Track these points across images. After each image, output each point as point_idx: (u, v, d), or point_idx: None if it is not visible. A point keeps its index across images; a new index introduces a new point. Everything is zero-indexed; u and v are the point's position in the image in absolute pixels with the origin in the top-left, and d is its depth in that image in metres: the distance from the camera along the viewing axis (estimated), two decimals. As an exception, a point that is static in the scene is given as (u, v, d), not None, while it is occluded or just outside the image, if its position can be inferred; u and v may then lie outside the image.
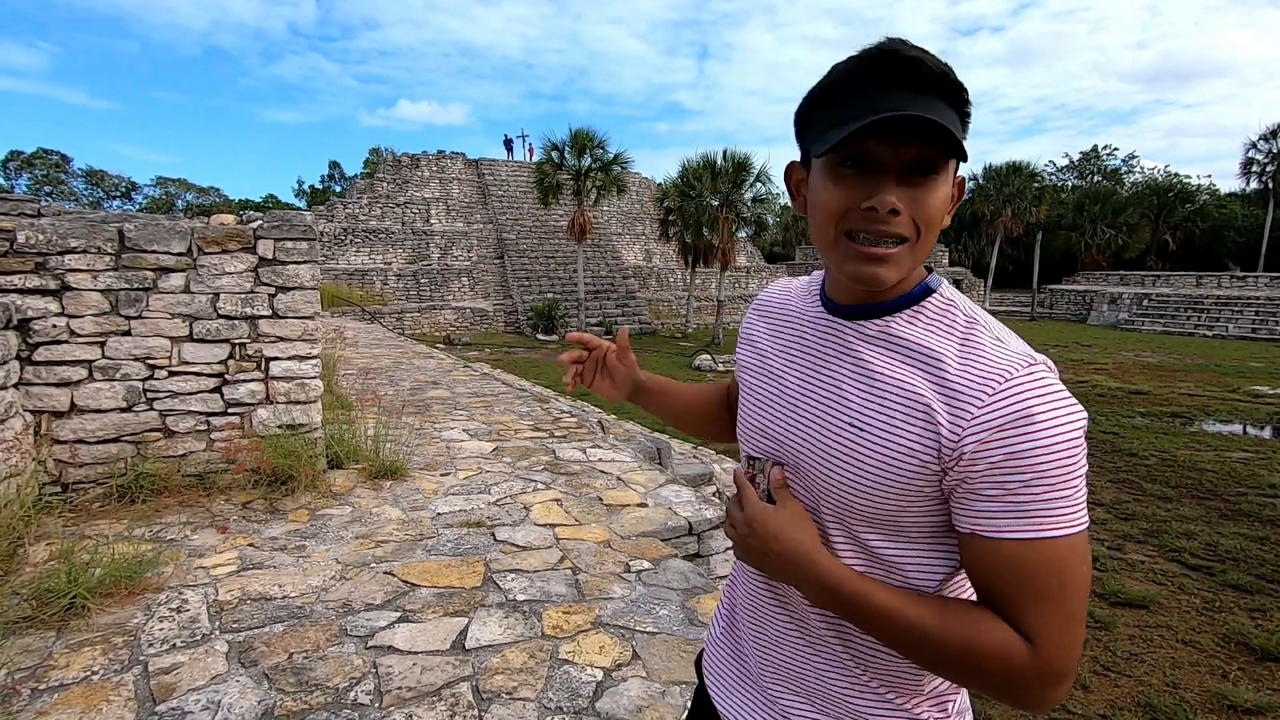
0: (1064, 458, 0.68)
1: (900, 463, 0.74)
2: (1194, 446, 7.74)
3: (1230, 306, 24.41)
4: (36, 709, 2.16)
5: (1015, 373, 0.70)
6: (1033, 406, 0.68)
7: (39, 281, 3.73)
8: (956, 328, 0.77)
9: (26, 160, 49.93)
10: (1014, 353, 0.73)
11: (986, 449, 0.69)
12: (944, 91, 0.72)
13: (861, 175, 0.73)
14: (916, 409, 0.74)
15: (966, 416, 0.70)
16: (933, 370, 0.75)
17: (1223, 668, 3.27)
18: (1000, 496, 0.69)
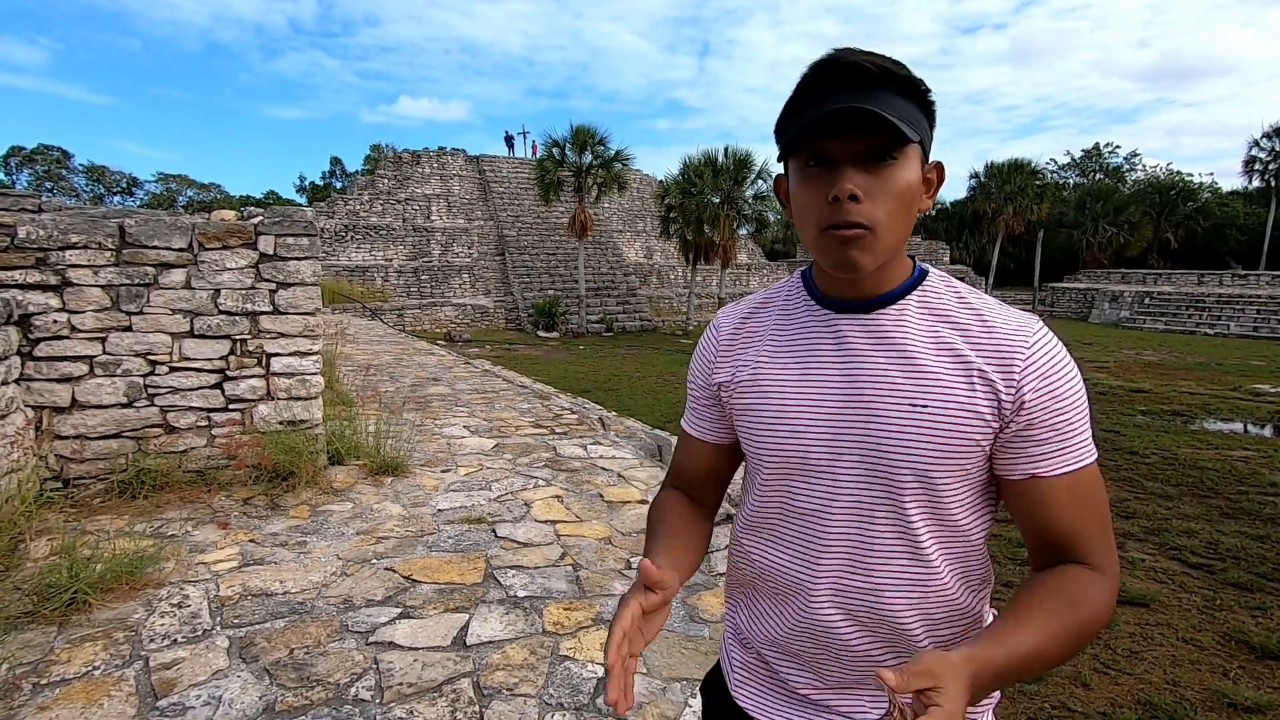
0: (1083, 394, 0.81)
1: (968, 427, 0.80)
2: (1195, 445, 7.73)
3: (1232, 305, 24.38)
4: (38, 704, 2.17)
5: (1035, 325, 0.82)
6: (1059, 352, 0.81)
7: (40, 277, 3.73)
8: (966, 299, 0.86)
9: (28, 156, 49.90)
10: (1019, 311, 0.84)
11: (1040, 394, 0.79)
12: (894, 86, 0.78)
13: (824, 170, 0.79)
14: (970, 374, 0.81)
15: (1017, 368, 0.79)
16: (966, 337, 0.82)
17: (1223, 666, 3.27)
18: (1051, 438, 0.79)
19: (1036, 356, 0.79)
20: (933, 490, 0.82)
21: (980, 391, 0.80)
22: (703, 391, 1.01)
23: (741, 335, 0.97)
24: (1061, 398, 0.79)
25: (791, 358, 0.90)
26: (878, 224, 0.78)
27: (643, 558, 0.86)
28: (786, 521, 0.91)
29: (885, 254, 0.80)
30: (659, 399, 11.09)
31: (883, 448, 0.82)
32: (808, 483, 0.87)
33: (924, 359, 0.82)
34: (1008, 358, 0.80)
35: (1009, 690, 3.03)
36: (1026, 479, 0.81)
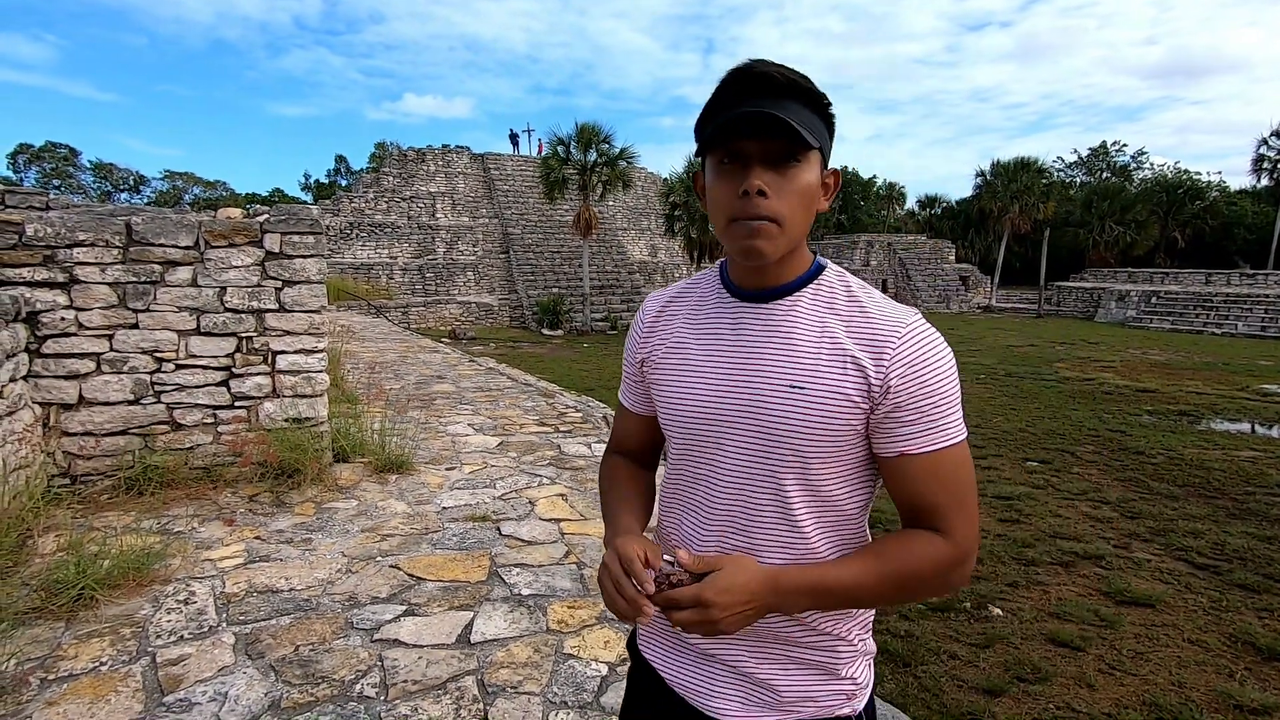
0: (953, 381, 0.90)
1: (839, 407, 0.89)
2: (1202, 445, 7.69)
3: (1240, 304, 24.22)
4: (46, 699, 2.18)
5: (910, 319, 0.90)
6: (930, 342, 0.89)
7: (47, 274, 3.75)
8: (854, 293, 0.95)
9: (35, 153, 50.13)
10: (903, 307, 0.93)
11: (906, 380, 0.87)
12: (800, 97, 0.88)
13: (736, 167, 0.88)
14: (845, 361, 0.90)
15: (887, 356, 0.88)
16: (846, 327, 0.92)
17: (1229, 667, 3.25)
18: (917, 419, 0.88)
19: (906, 346, 0.88)
20: (806, 464, 0.91)
21: (851, 376, 0.89)
22: (632, 368, 1.12)
23: (663, 318, 1.08)
24: (928, 383, 0.87)
25: (696, 340, 1.01)
26: (781, 218, 0.88)
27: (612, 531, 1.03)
28: (685, 486, 1.02)
29: (787, 246, 0.91)
30: (663, 397, 11.07)
31: (763, 424, 0.92)
32: (701, 452, 0.98)
33: (805, 346, 0.92)
34: (880, 346, 0.89)
35: (1014, 691, 3.02)
36: (897, 456, 0.90)
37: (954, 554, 0.89)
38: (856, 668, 1.00)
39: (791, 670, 0.97)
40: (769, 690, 0.97)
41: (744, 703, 0.98)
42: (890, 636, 3.48)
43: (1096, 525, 5.18)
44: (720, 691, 0.99)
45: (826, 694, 0.97)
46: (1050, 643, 3.44)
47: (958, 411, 0.90)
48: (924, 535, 0.90)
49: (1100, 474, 6.59)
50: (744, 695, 0.98)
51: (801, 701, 0.97)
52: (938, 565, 0.89)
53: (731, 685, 0.99)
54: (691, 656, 1.03)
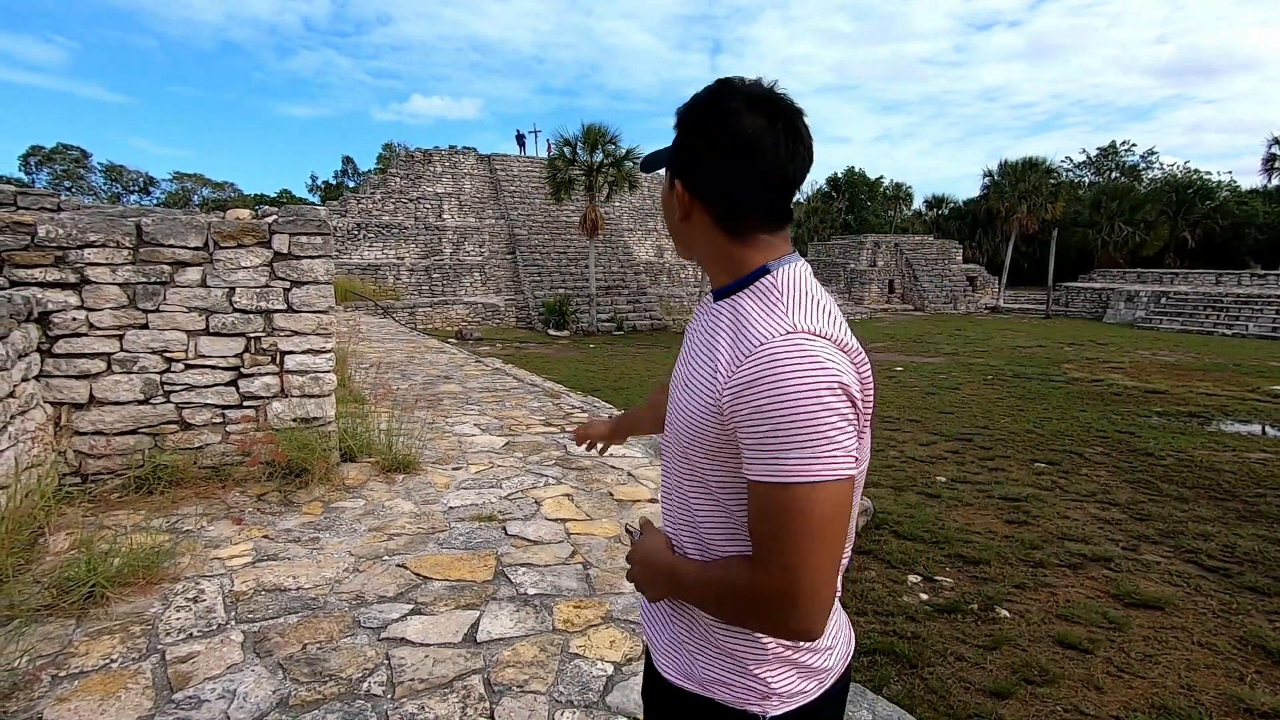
0: (801, 414, 0.80)
1: (703, 413, 0.91)
2: (1212, 446, 7.64)
3: (1250, 305, 24.03)
4: (57, 695, 2.20)
5: (772, 338, 0.85)
6: (777, 368, 0.82)
7: (59, 275, 3.79)
8: (762, 302, 0.92)
9: (47, 155, 50.55)
10: (785, 323, 0.87)
11: (738, 403, 0.85)
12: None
13: None
14: (709, 369, 0.92)
15: (729, 375, 0.87)
16: (728, 337, 0.92)
17: (1239, 670, 3.23)
18: (752, 445, 0.84)
19: (748, 369, 0.85)
20: (690, 457, 0.96)
21: (710, 383, 0.91)
22: None
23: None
24: (761, 410, 0.82)
25: (686, 335, 1.10)
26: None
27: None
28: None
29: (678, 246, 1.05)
30: (669, 398, 11.08)
31: (671, 414, 1.01)
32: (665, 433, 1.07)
33: (700, 350, 0.97)
34: (731, 363, 0.88)
35: (1022, 693, 3.01)
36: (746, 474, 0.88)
37: (752, 588, 0.85)
38: (770, 670, 0.96)
39: (708, 651, 0.99)
40: (689, 660, 1.01)
41: (677, 669, 1.02)
42: (897, 638, 3.47)
43: (1105, 527, 5.15)
44: (661, 645, 1.06)
45: (735, 684, 0.97)
46: (1058, 645, 3.43)
47: (804, 449, 0.80)
48: (743, 559, 0.90)
49: (1109, 475, 6.55)
50: (676, 658, 1.03)
51: (714, 683, 0.98)
52: (735, 590, 0.88)
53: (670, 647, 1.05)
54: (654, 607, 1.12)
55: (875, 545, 4.74)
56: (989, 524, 5.12)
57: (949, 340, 19.56)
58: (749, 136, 0.90)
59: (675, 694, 1.02)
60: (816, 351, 0.83)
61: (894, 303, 33.57)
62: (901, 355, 16.75)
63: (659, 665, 1.06)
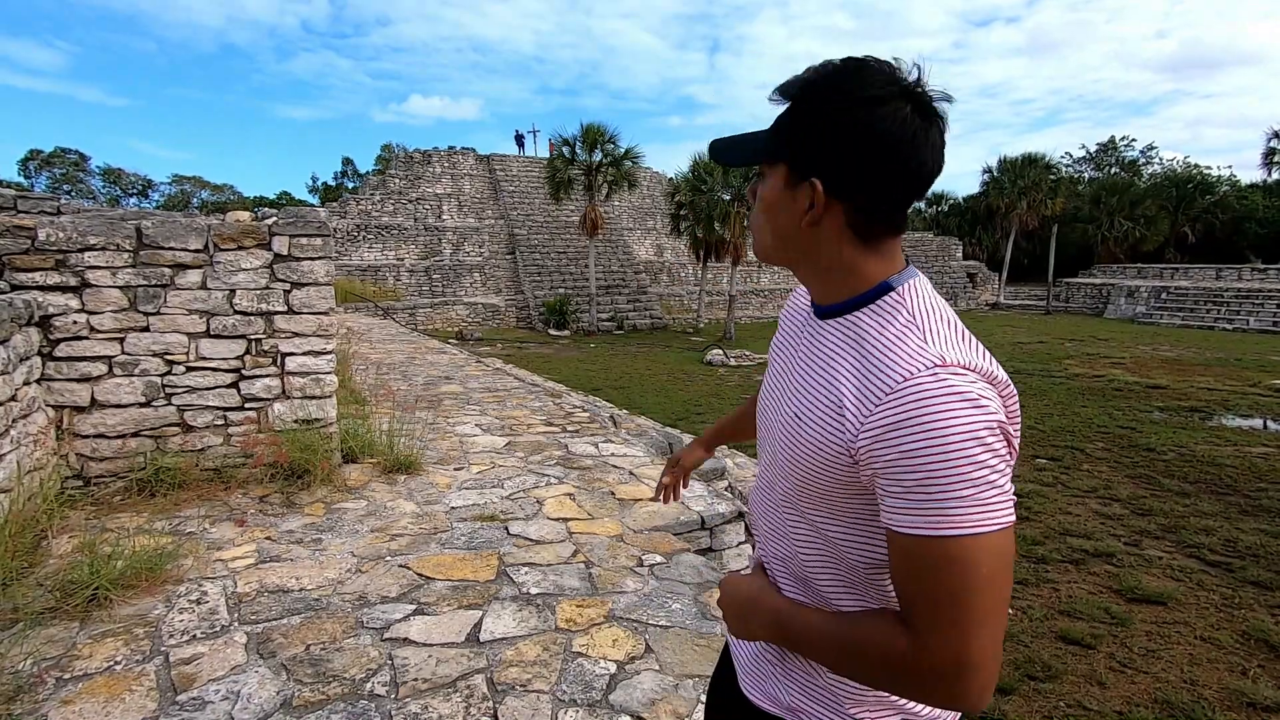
0: (958, 459, 0.70)
1: (823, 452, 0.81)
2: (1213, 441, 7.64)
3: (1251, 299, 24.01)
4: (61, 698, 2.21)
5: (917, 373, 0.74)
6: (926, 408, 0.71)
7: (59, 278, 3.79)
8: (890, 326, 0.81)
9: (46, 159, 50.54)
10: (928, 355, 0.76)
11: (878, 448, 0.74)
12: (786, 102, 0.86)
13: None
14: (832, 406, 0.81)
15: (865, 415, 0.76)
16: (854, 366, 0.81)
17: (1242, 665, 3.23)
18: (899, 493, 0.73)
19: (891, 409, 0.73)
20: (799, 499, 0.87)
21: (834, 423, 0.79)
22: None
23: (786, 317, 1.06)
24: (911, 456, 0.71)
25: (777, 349, 1.01)
26: (751, 223, 0.93)
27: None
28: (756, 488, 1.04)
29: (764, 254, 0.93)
30: (670, 397, 11.09)
31: (776, 449, 0.90)
32: (762, 459, 1.00)
33: (817, 376, 0.85)
34: (868, 402, 0.76)
35: (1025, 689, 3.01)
36: (885, 526, 0.77)
37: (910, 660, 0.73)
38: (869, 712, 0.88)
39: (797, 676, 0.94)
40: (775, 684, 0.97)
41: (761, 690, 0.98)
42: (899, 635, 3.47)
43: (1107, 523, 5.15)
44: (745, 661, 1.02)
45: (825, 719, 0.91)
46: (1061, 640, 3.43)
47: (968, 499, 0.70)
48: (892, 622, 0.77)
49: (1110, 471, 6.55)
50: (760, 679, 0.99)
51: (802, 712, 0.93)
52: (887, 659, 0.75)
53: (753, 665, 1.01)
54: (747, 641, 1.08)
55: (877, 542, 4.73)
56: (991, 520, 5.12)
57: (949, 337, 19.52)
58: (906, 127, 0.78)
59: (755, 714, 0.98)
60: (970, 389, 0.72)
61: (894, 300, 33.51)
62: (902, 352, 16.71)
63: (743, 683, 1.01)
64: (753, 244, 0.93)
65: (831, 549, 0.86)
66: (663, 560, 3.34)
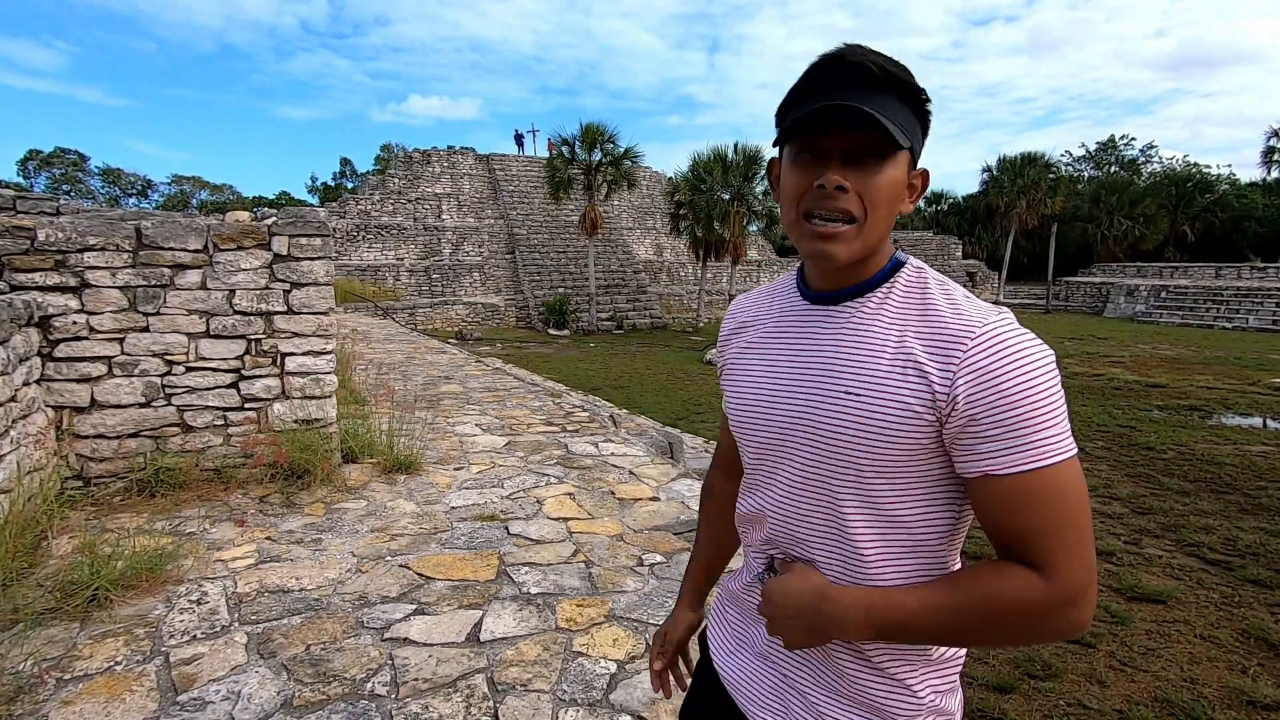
0: (1048, 388, 0.76)
1: (898, 417, 0.80)
2: (1213, 440, 7.64)
3: (1250, 298, 24.02)
4: (62, 698, 2.21)
5: (990, 318, 0.79)
6: (1012, 348, 0.76)
7: (59, 279, 3.79)
8: (929, 291, 0.85)
9: (45, 159, 50.53)
10: (983, 304, 0.82)
11: (976, 391, 0.76)
12: (897, 90, 0.81)
13: (815, 161, 0.82)
14: (906, 365, 0.81)
15: (955, 361, 0.78)
16: (915, 329, 0.82)
17: (1242, 663, 3.23)
18: (1000, 435, 0.76)
19: (979, 351, 0.77)
20: (863, 479, 0.83)
21: (912, 383, 0.80)
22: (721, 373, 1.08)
23: (740, 322, 1.03)
24: (1009, 394, 0.75)
25: (764, 345, 0.96)
26: (858, 217, 0.81)
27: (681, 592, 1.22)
28: (753, 497, 0.97)
29: (863, 250, 0.84)
30: (669, 396, 11.09)
31: (818, 434, 0.86)
32: (762, 463, 0.94)
33: (864, 349, 0.84)
34: (948, 352, 0.78)
35: (1024, 688, 3.01)
36: (979, 476, 0.79)
37: (1050, 595, 0.75)
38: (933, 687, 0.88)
39: (843, 704, 0.89)
40: (812, 713, 0.91)
41: (786, 718, 0.93)
42: (899, 634, 3.47)
43: (1107, 521, 5.16)
44: (764, 701, 0.96)
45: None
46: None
47: (1058, 426, 0.76)
48: (1015, 568, 0.77)
49: (1110, 470, 6.55)
50: (787, 711, 0.93)
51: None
52: (1027, 605, 0.75)
53: (776, 696, 0.95)
54: (748, 656, 1.00)
55: (877, 541, 4.73)
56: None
57: (949, 336, 19.54)
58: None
59: None
60: (1029, 330, 0.78)
61: (894, 299, 33.54)
62: (902, 351, 16.73)
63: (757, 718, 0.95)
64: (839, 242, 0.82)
65: (897, 530, 0.84)
66: (663, 560, 3.34)
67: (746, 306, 1.05)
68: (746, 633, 1.02)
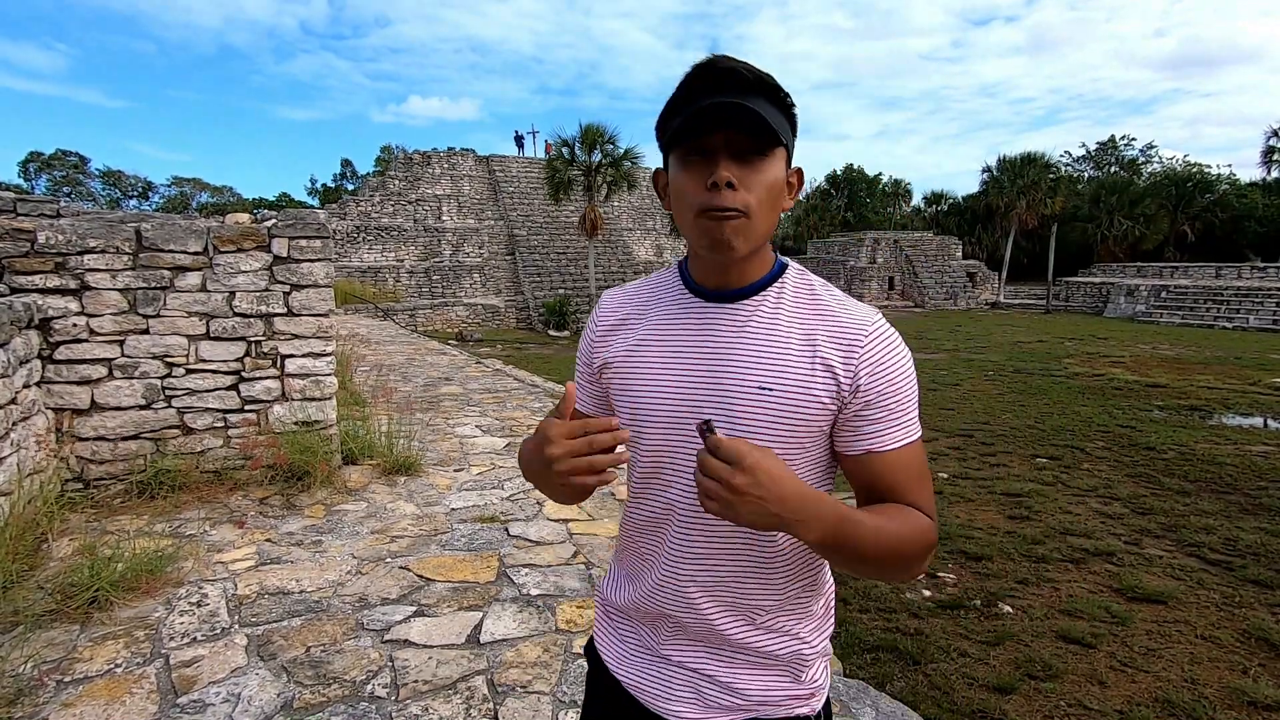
0: (914, 380, 0.93)
1: (807, 407, 0.89)
2: (1213, 440, 7.64)
3: (1250, 298, 24.00)
4: (62, 700, 2.21)
5: (875, 317, 0.92)
6: (892, 343, 0.91)
7: (59, 281, 3.79)
8: (818, 293, 0.95)
9: (45, 161, 50.60)
10: (865, 307, 0.94)
11: (874, 379, 0.89)
12: (766, 93, 0.87)
13: (704, 161, 0.87)
14: (814, 361, 0.90)
15: (856, 356, 0.89)
16: (814, 327, 0.92)
17: (1243, 663, 3.23)
18: (883, 418, 0.90)
19: (873, 346, 0.89)
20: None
21: (820, 377, 0.89)
22: (587, 370, 1.08)
23: (623, 318, 1.04)
24: (894, 382, 0.89)
25: (660, 341, 0.98)
26: (750, 210, 0.87)
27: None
28: (654, 496, 0.98)
29: (755, 240, 0.89)
30: (670, 397, 11.07)
31: (736, 426, 0.90)
32: (671, 456, 0.95)
33: (774, 345, 0.91)
34: (849, 346, 0.89)
35: (1025, 688, 3.01)
36: (863, 454, 0.91)
37: (933, 536, 0.91)
38: (816, 669, 1.00)
39: (755, 672, 0.97)
40: (729, 691, 0.97)
41: (702, 704, 0.97)
42: (900, 634, 3.47)
43: (1107, 521, 5.15)
44: (677, 694, 0.99)
45: (786, 696, 0.97)
46: (1061, 640, 3.43)
47: (916, 409, 0.93)
48: (916, 511, 0.90)
49: (1110, 470, 6.55)
50: (701, 696, 0.98)
51: (761, 703, 0.96)
52: (926, 542, 0.89)
53: (687, 686, 0.98)
54: (649, 659, 1.02)
55: (877, 542, 4.73)
56: (991, 520, 5.12)
57: (949, 336, 19.55)
58: None
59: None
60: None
61: (894, 299, 33.56)
62: (902, 352, 16.72)
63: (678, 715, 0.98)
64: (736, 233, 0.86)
65: None
66: (663, 561, 3.34)
67: (622, 302, 1.05)
68: (639, 637, 1.04)
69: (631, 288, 1.07)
